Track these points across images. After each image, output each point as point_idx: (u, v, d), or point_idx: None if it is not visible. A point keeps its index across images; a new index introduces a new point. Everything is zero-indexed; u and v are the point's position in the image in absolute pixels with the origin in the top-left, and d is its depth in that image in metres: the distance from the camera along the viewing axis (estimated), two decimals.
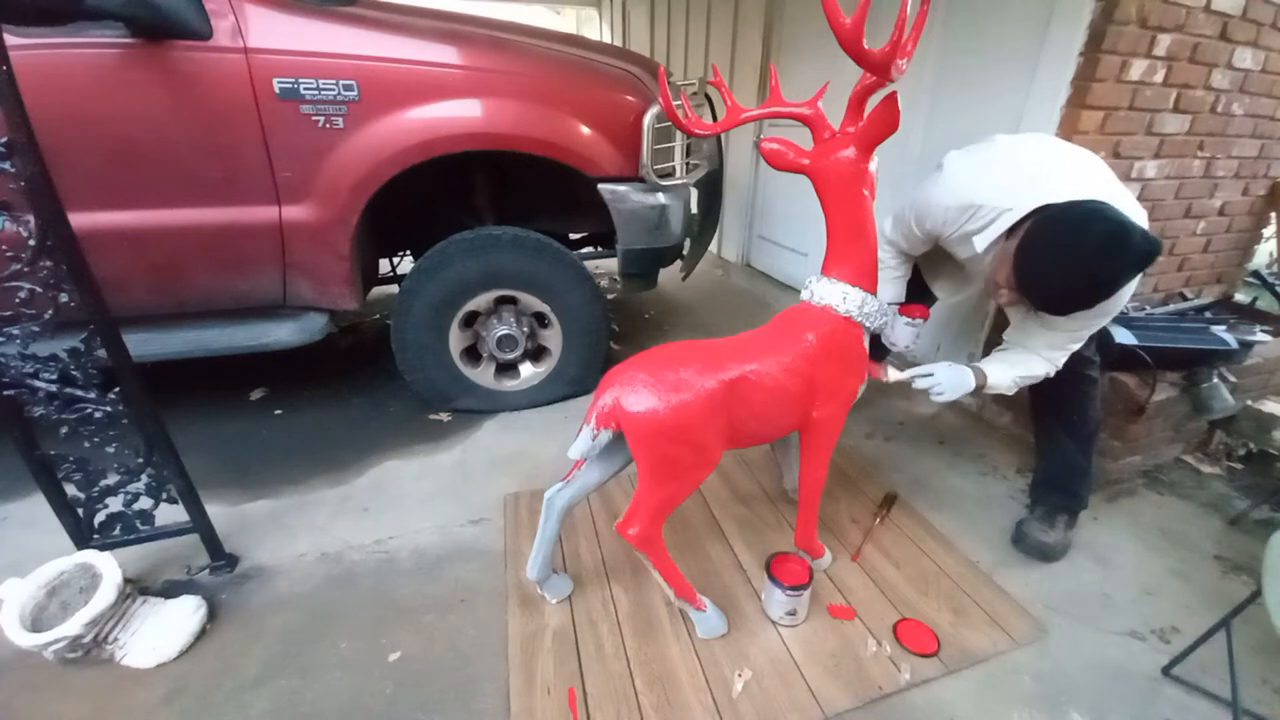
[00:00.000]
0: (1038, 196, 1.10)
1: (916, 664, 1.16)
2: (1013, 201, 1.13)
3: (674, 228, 1.91)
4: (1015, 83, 1.79)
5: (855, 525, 1.53)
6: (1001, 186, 1.16)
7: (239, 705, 1.08)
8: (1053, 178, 1.12)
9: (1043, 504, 1.47)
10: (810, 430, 1.18)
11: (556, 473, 1.26)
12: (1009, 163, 1.20)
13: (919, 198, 1.32)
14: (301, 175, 1.57)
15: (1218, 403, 1.62)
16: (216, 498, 1.57)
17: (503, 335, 1.94)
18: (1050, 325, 1.25)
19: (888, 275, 1.50)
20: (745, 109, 1.13)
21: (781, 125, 2.89)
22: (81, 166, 1.41)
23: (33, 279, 1.04)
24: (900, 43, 0.90)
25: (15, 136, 0.92)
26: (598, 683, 1.11)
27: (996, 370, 1.31)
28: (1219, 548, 1.50)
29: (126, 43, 1.36)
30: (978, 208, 1.19)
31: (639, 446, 1.00)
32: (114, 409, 1.15)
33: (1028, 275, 1.09)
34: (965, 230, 1.23)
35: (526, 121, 1.67)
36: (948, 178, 1.26)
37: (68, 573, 1.17)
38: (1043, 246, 1.06)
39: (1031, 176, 1.14)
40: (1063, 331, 1.25)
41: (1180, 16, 1.54)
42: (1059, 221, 1.04)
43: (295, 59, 1.47)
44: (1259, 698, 1.12)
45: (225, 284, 1.66)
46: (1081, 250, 1.00)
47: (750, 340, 1.12)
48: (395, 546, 1.45)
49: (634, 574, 1.35)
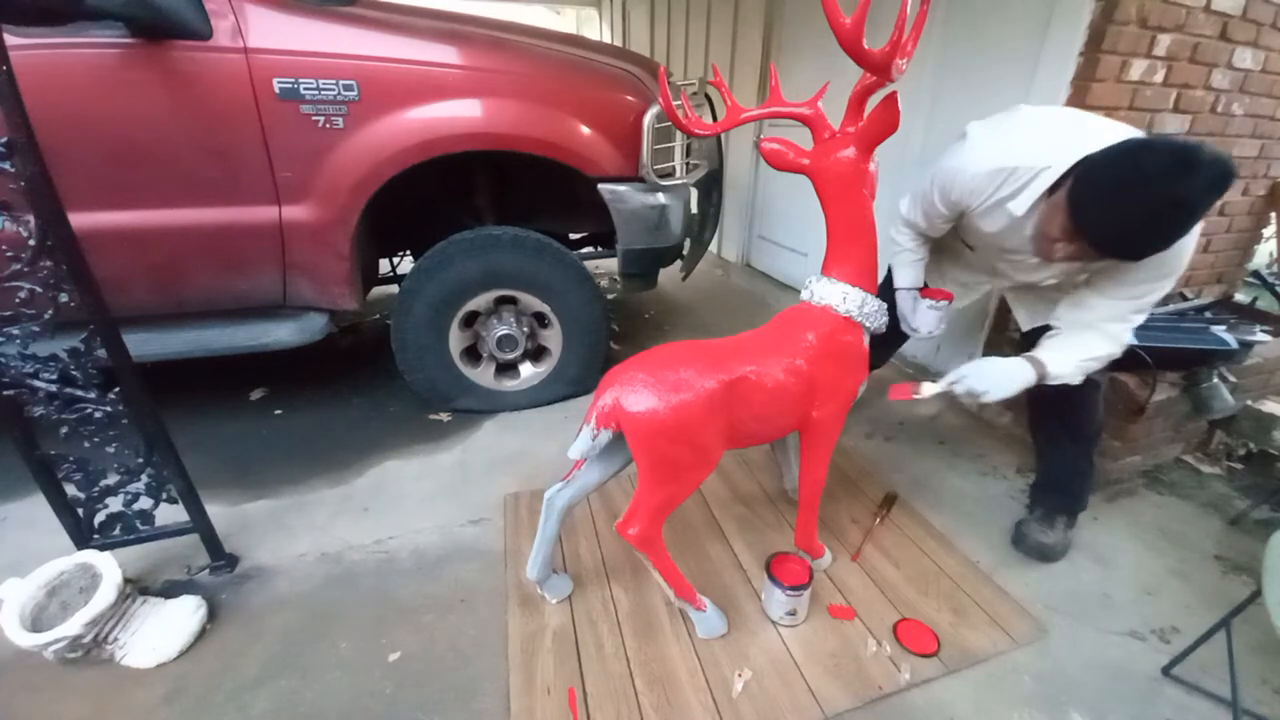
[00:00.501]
0: (1076, 151, 1.01)
1: (916, 664, 1.16)
2: (1050, 159, 1.05)
3: (674, 228, 1.91)
4: (1015, 83, 1.79)
5: (855, 525, 1.52)
6: (1035, 146, 1.09)
7: (239, 705, 1.08)
8: (1090, 135, 1.05)
9: (1042, 505, 1.47)
10: (810, 430, 1.18)
11: (556, 473, 1.26)
12: (1039, 125, 1.15)
13: (943, 170, 1.24)
14: (301, 175, 1.57)
15: (1218, 403, 1.63)
16: (216, 498, 1.57)
17: (503, 335, 1.94)
18: (1109, 294, 1.14)
19: (905, 259, 1.45)
20: (745, 109, 1.13)
21: (781, 125, 2.89)
22: (81, 166, 1.41)
23: (33, 279, 1.04)
24: (900, 43, 0.90)
25: (15, 136, 0.92)
26: (598, 683, 1.11)
27: (1057, 358, 1.17)
28: (1219, 548, 1.50)
29: (126, 43, 1.36)
30: (1011, 170, 1.11)
31: (639, 446, 1.00)
32: (114, 409, 1.15)
33: (1090, 215, 0.97)
34: (997, 197, 1.15)
35: (526, 121, 1.67)
36: (975, 144, 1.19)
37: (68, 573, 1.17)
38: (1102, 181, 0.95)
39: (1066, 135, 1.08)
40: (1124, 300, 1.12)
41: (1180, 16, 1.54)
42: (1112, 155, 0.95)
43: (295, 59, 1.47)
44: (1259, 698, 1.12)
45: (225, 284, 1.66)
46: (1146, 172, 0.89)
47: (750, 340, 1.12)
48: (395, 546, 1.45)
49: (634, 574, 1.35)
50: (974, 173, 1.17)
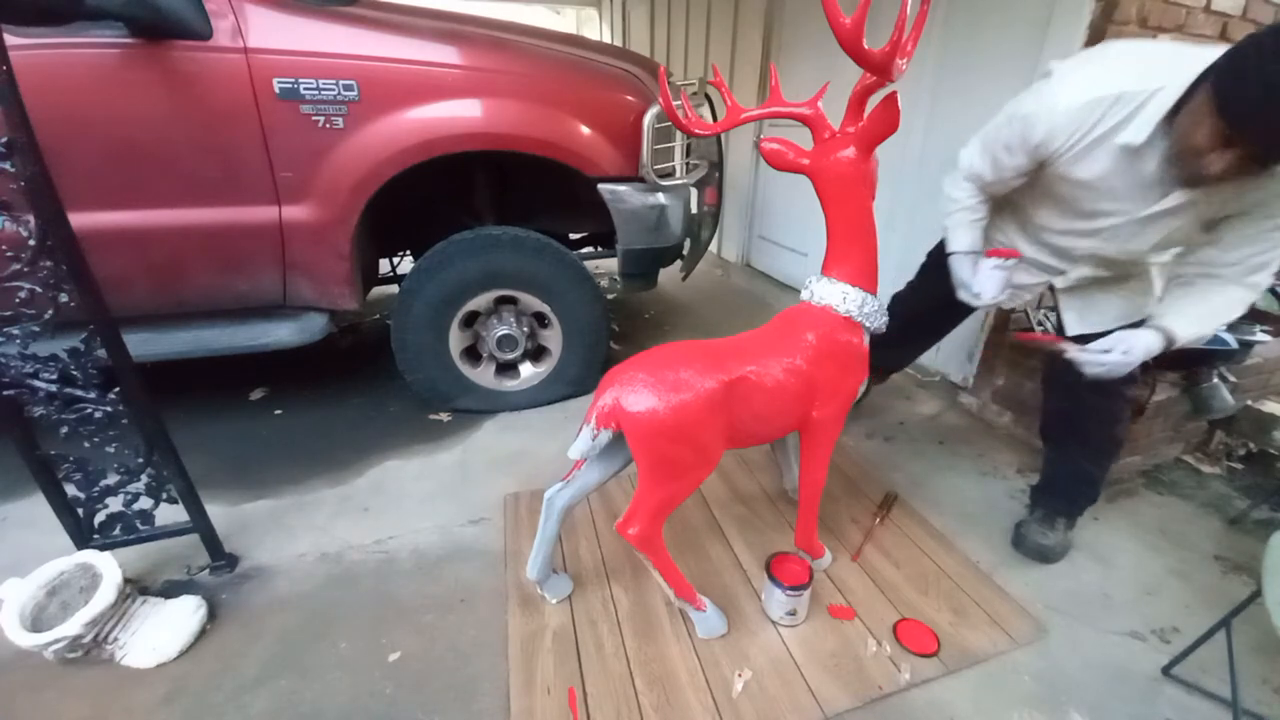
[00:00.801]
0: (1188, 71, 0.92)
1: (916, 664, 1.15)
2: (1163, 80, 0.96)
3: (674, 228, 1.91)
4: (1015, 83, 1.78)
5: (855, 525, 1.52)
6: (1139, 71, 0.99)
7: (239, 705, 1.08)
8: (1194, 56, 0.95)
9: (1042, 507, 1.47)
10: (810, 430, 1.18)
11: (556, 473, 1.26)
12: (1136, 53, 1.05)
13: (1022, 110, 1.11)
14: (301, 175, 1.57)
15: (1218, 403, 1.63)
16: (216, 498, 1.57)
17: (503, 335, 1.94)
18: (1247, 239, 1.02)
19: (964, 219, 1.30)
20: (745, 109, 1.13)
21: (781, 125, 2.90)
22: (82, 166, 1.41)
23: (33, 279, 1.04)
24: (900, 43, 0.90)
25: (15, 136, 0.92)
26: (598, 683, 1.11)
27: (1184, 323, 1.08)
28: (1219, 548, 1.50)
29: (126, 43, 1.36)
30: (1115, 98, 1.00)
31: (639, 446, 1.00)
32: (114, 409, 1.15)
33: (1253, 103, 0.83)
34: (1097, 133, 1.03)
35: (526, 121, 1.67)
36: (1066, 77, 1.07)
37: (68, 573, 1.17)
38: (1259, 65, 0.82)
39: (1171, 58, 0.98)
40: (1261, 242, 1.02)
41: (1180, 16, 1.54)
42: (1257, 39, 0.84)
43: (295, 59, 1.47)
44: (1259, 698, 1.12)
45: (225, 284, 1.66)
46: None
47: (750, 340, 1.12)
48: (395, 546, 1.45)
49: (634, 574, 1.35)
50: (1066, 107, 1.04)
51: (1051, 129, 1.07)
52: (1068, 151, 1.07)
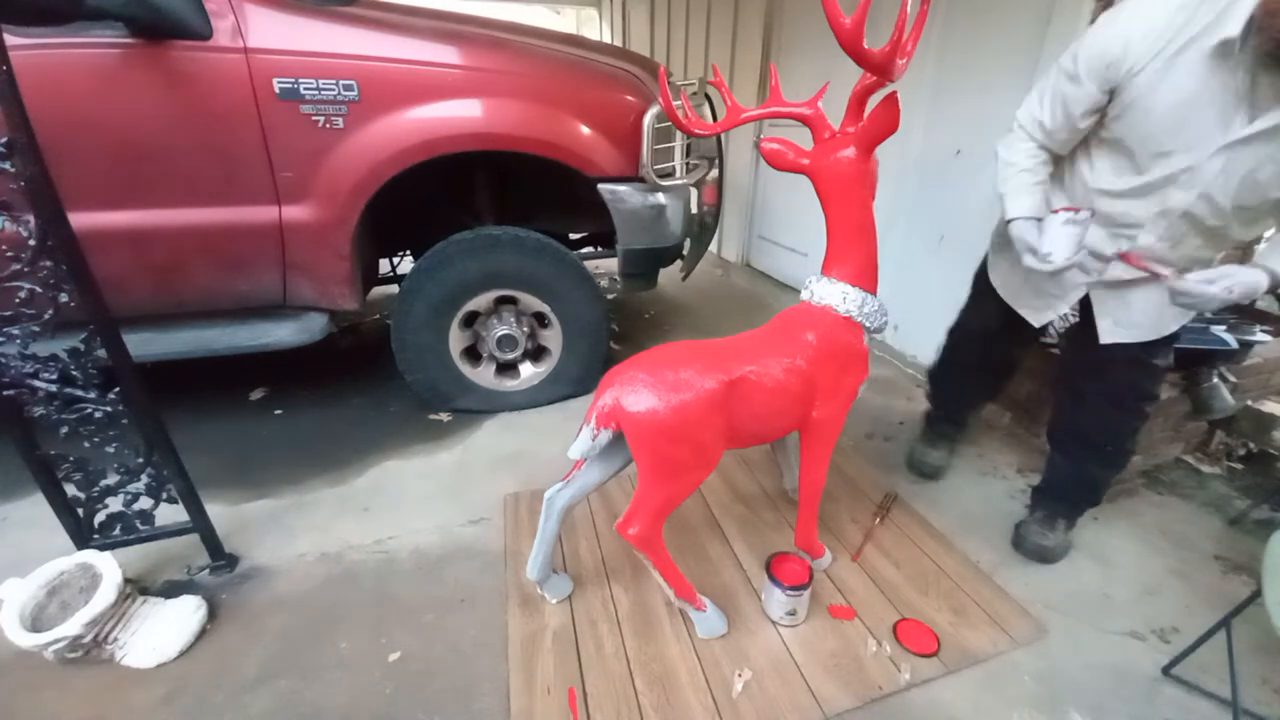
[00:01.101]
0: None
1: (916, 664, 1.16)
2: None
3: (674, 228, 1.91)
4: (1015, 83, 1.79)
5: (855, 525, 1.52)
6: None
7: (239, 705, 1.08)
8: None
9: (1042, 508, 1.47)
10: (810, 430, 1.18)
11: (556, 473, 1.26)
12: None
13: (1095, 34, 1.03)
14: (302, 175, 1.57)
15: (1218, 403, 1.63)
16: (216, 498, 1.57)
17: (503, 335, 1.94)
18: None
19: (1023, 182, 1.17)
20: (745, 109, 1.13)
21: (781, 125, 2.89)
22: (82, 166, 1.41)
23: (33, 279, 1.04)
24: (900, 43, 0.90)
25: (15, 136, 0.92)
26: (598, 683, 1.11)
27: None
28: (1219, 548, 1.50)
29: (126, 43, 1.36)
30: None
31: (639, 446, 1.00)
32: (114, 409, 1.15)
33: None
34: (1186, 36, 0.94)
35: (527, 122, 1.67)
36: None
37: (68, 573, 1.17)
38: None
39: None
40: None
41: None
42: None
43: (295, 59, 1.47)
44: (1259, 698, 1.12)
45: (225, 284, 1.66)
46: None
47: (750, 340, 1.12)
48: (395, 546, 1.45)
49: (634, 574, 1.35)
50: (1149, 14, 0.97)
51: (1130, 40, 0.98)
52: (1149, 65, 0.97)
